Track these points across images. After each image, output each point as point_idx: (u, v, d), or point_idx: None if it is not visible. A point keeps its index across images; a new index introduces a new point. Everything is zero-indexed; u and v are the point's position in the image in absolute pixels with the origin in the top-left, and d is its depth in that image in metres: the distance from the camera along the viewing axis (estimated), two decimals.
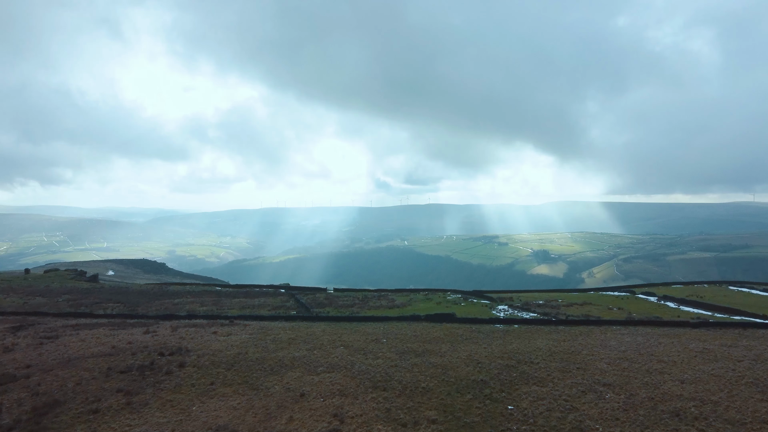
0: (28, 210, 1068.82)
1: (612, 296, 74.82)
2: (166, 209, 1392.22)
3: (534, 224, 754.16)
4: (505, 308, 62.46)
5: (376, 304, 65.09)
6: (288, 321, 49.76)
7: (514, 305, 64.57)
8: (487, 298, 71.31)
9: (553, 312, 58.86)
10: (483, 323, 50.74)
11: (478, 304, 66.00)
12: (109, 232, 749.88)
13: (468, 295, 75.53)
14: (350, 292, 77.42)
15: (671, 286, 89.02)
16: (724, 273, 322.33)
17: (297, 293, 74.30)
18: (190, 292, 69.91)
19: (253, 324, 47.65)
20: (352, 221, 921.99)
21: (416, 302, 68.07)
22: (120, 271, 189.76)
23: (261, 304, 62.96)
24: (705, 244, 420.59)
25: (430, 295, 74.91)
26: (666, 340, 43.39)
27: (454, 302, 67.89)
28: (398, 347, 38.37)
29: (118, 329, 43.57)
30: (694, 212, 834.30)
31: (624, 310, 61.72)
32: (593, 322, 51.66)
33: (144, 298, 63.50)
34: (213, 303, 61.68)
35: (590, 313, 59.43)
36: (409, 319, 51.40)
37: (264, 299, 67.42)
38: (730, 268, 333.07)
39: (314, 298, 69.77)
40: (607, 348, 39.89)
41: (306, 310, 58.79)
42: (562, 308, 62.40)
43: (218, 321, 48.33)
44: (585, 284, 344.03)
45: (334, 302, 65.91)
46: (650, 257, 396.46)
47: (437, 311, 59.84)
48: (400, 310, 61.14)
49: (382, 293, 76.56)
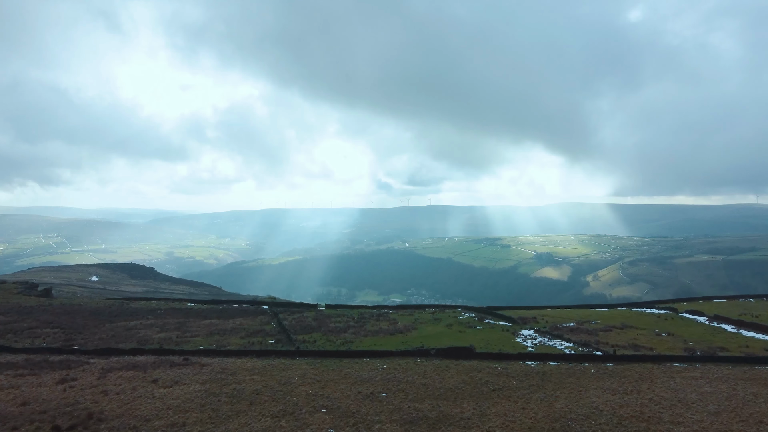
0: (27, 211, 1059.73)
1: (652, 315, 63.76)
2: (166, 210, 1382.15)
3: (538, 226, 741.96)
4: (531, 334, 51.46)
5: (374, 327, 54.17)
6: (261, 358, 38.84)
7: (541, 329, 53.55)
8: (505, 318, 60.29)
9: (591, 340, 47.88)
10: (510, 360, 39.77)
11: (498, 328, 55.00)
12: (108, 233, 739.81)
13: (482, 313, 64.52)
14: (344, 310, 66.48)
15: (713, 301, 78.01)
16: (732, 276, 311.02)
17: (282, 311, 63.45)
18: (154, 312, 59.09)
19: (214, 363, 36.71)
20: (353, 222, 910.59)
21: (422, 324, 57.10)
22: (105, 276, 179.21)
23: (235, 327, 52.08)
24: (711, 246, 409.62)
25: (438, 314, 63.94)
26: (759, 389, 32.41)
27: (467, 324, 56.89)
28: (403, 409, 27.40)
29: (28, 374, 32.73)
30: (697, 214, 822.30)
31: (676, 337, 50.77)
32: (649, 358, 40.68)
33: (94, 321, 52.85)
34: (176, 327, 50.83)
35: (637, 341, 48.46)
36: (415, 354, 40.45)
37: (241, 320, 56.54)
38: (739, 271, 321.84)
39: (301, 318, 58.85)
40: (688, 406, 28.88)
41: (287, 337, 47.84)
42: (599, 334, 51.39)
43: (169, 359, 37.43)
44: (590, 288, 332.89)
45: (324, 325, 54.98)
46: (656, 260, 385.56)
47: (448, 338, 48.89)
48: (404, 337, 50.18)
49: (382, 311, 65.62)
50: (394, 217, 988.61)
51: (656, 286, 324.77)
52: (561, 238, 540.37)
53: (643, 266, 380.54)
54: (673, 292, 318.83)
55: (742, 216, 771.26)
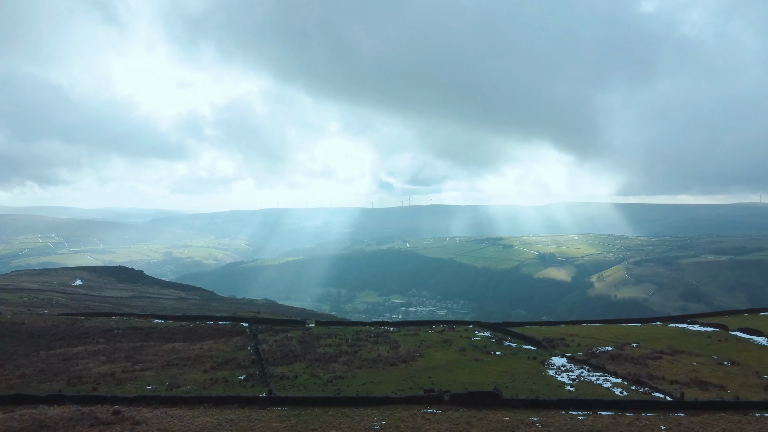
0: (26, 211, 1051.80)
1: (700, 335, 54.01)
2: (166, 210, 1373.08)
3: (542, 226, 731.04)
4: (564, 363, 41.85)
5: (370, 353, 44.61)
6: (219, 407, 29.29)
7: (575, 356, 43.93)
8: (528, 340, 50.65)
9: (642, 374, 38.24)
10: (550, 409, 30.19)
11: (521, 354, 45.36)
12: (107, 233, 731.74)
13: (499, 332, 54.90)
14: (337, 329, 56.83)
15: (759, 314, 68.35)
16: (740, 277, 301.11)
17: (263, 330, 53.89)
18: (109, 333, 49.42)
19: (153, 419, 27.18)
20: (354, 222, 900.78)
21: (429, 348, 47.49)
22: (90, 280, 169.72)
23: (201, 355, 42.54)
24: (718, 246, 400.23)
25: (447, 333, 54.33)
26: None
27: (483, 348, 47.28)
28: None
29: None
30: (700, 213, 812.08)
31: (743, 367, 41.09)
32: (731, 404, 31.10)
33: (29, 347, 43.48)
34: (127, 355, 41.29)
35: (699, 374, 38.74)
36: (424, 401, 30.86)
37: (211, 343, 47.01)
38: (746, 272, 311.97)
39: (284, 340, 49.22)
40: None
41: (262, 370, 38.22)
42: (648, 363, 41.73)
43: (95, 411, 27.89)
44: (595, 289, 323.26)
45: (311, 349, 45.40)
46: (662, 260, 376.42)
47: (463, 371, 39.32)
48: (407, 368, 40.59)
49: (381, 330, 56.00)
50: (396, 216, 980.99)
51: (662, 287, 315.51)
52: (564, 238, 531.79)
53: (648, 267, 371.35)
54: (679, 294, 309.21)
55: (746, 215, 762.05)
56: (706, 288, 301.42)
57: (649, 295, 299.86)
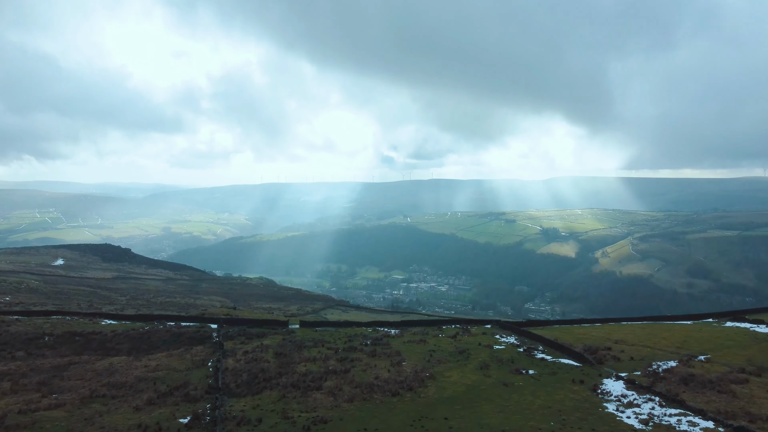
0: (25, 186, 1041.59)
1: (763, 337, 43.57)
2: (166, 184, 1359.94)
3: (547, 200, 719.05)
4: (624, 392, 31.40)
5: (366, 374, 34.22)
6: None
7: (633, 378, 33.49)
8: (565, 351, 40.19)
9: (736, 410, 27.81)
10: None
11: (562, 373, 34.93)
12: (105, 208, 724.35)
13: (527, 337, 44.48)
14: (325, 331, 46.30)
15: None
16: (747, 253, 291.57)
17: (235, 334, 43.53)
18: (34, 342, 38.55)
19: None
20: (355, 197, 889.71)
21: (441, 364, 37.12)
22: (73, 259, 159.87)
23: (142, 378, 32.20)
24: (724, 221, 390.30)
25: (461, 338, 43.99)
26: None
27: (510, 362, 36.92)
28: None
29: None
30: (703, 188, 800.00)
31: None
32: None
33: None
34: (40, 383, 30.84)
35: None
36: None
37: (160, 359, 36.66)
38: (754, 247, 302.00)
39: (258, 351, 38.87)
40: None
41: (214, 407, 27.78)
42: (734, 389, 31.36)
43: None
44: (599, 265, 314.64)
45: (289, 367, 35.02)
46: (668, 236, 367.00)
47: (490, 406, 28.87)
48: (413, 402, 30.15)
49: (380, 333, 45.59)
50: (397, 191, 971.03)
51: (668, 263, 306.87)
52: (569, 212, 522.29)
53: (654, 242, 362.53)
54: (686, 270, 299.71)
55: (752, 190, 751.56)
56: (713, 264, 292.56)
57: (654, 271, 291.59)
